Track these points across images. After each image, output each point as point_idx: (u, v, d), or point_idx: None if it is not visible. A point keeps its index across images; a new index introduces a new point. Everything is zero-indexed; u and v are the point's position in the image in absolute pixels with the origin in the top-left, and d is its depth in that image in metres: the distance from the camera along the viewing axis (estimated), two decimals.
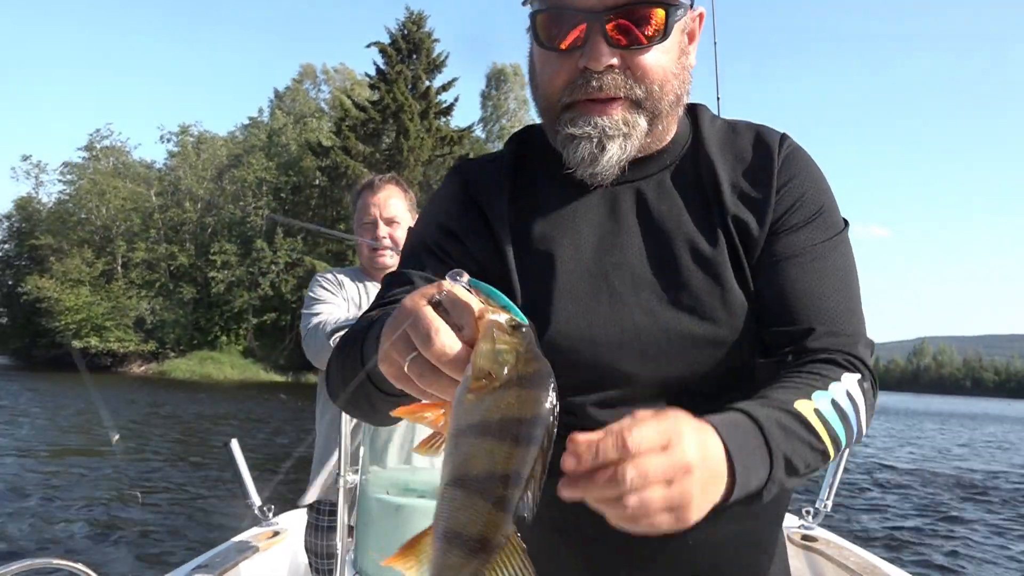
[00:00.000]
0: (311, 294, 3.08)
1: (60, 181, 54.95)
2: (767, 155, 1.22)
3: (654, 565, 1.16)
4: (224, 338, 49.83)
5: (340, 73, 64.16)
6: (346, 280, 3.13)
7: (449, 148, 46.16)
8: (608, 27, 1.10)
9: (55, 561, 2.35)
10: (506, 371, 0.73)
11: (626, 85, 1.12)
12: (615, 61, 1.11)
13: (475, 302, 0.76)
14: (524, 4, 1.18)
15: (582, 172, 1.17)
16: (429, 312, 0.78)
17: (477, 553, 0.71)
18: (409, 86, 46.36)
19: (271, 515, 3.71)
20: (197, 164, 52.75)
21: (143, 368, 48.72)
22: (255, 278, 48.91)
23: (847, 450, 1.04)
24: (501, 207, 1.23)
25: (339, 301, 3.04)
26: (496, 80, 72.49)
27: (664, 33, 1.12)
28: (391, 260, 3.06)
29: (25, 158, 70.02)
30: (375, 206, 3.06)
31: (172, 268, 51.11)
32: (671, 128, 1.24)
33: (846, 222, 1.23)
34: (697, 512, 0.83)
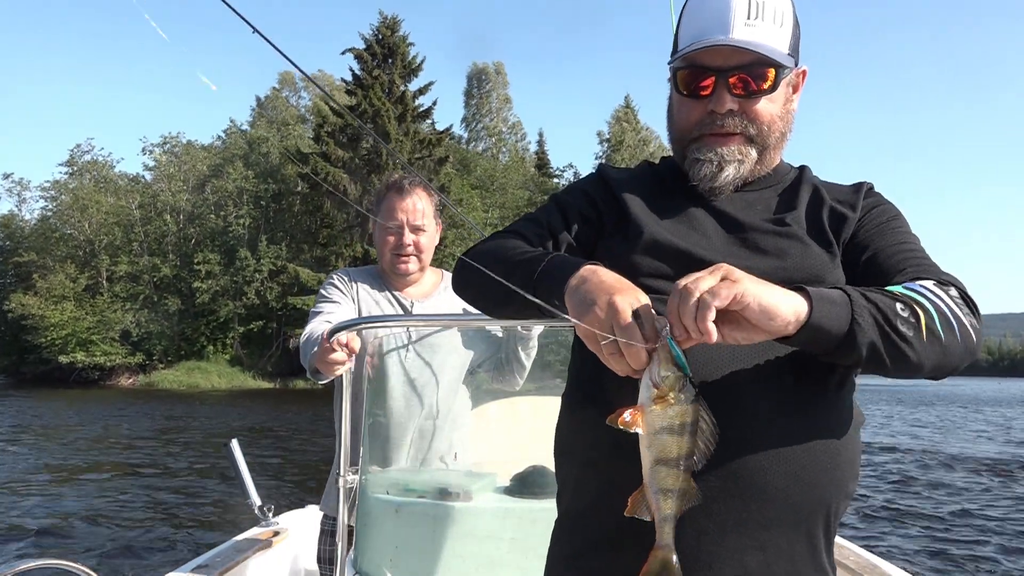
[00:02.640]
0: (321, 291, 2.95)
1: (42, 197, 54.94)
2: (856, 187, 1.56)
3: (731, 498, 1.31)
4: (211, 347, 49.82)
5: (318, 80, 64.00)
6: (363, 287, 2.97)
7: (428, 151, 46.16)
8: (731, 81, 1.43)
9: (55, 562, 2.41)
10: (677, 393, 1.16)
11: (742, 125, 1.45)
12: (734, 107, 1.44)
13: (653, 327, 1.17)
14: (669, 64, 1.51)
15: (704, 186, 1.49)
16: (633, 322, 1.16)
17: (679, 497, 1.18)
18: (385, 91, 46.38)
19: (271, 515, 3.73)
20: (177, 175, 52.66)
21: (131, 381, 48.66)
22: (240, 287, 48.83)
23: (940, 329, 1.25)
24: (638, 200, 1.52)
25: (347, 302, 2.90)
26: (478, 79, 72.46)
27: (774, 87, 1.44)
28: (413, 267, 2.95)
29: (7, 176, 70.28)
30: (403, 211, 2.90)
31: (156, 280, 51.04)
32: (776, 158, 1.55)
33: None
34: (755, 295, 1.12)
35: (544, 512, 2.16)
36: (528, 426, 2.64)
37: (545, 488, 2.22)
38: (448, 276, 3.14)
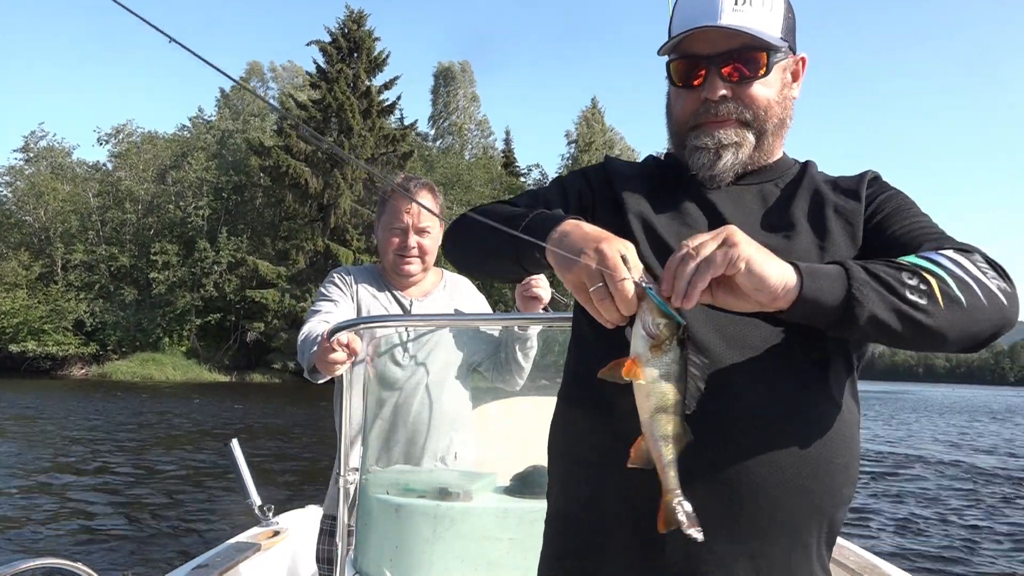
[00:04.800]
0: (321, 290, 2.93)
1: None
2: (859, 178, 1.53)
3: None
4: (167, 339, 49.01)
5: (288, 70, 63.43)
6: (363, 285, 2.96)
7: (393, 146, 46.04)
8: (723, 69, 1.43)
9: (55, 561, 2.39)
10: (670, 340, 1.17)
11: (737, 110, 1.44)
12: (727, 92, 1.43)
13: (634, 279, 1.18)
14: (660, 54, 1.51)
15: (703, 174, 1.47)
16: (622, 265, 1.16)
17: (677, 441, 1.19)
18: (350, 85, 46.13)
19: (271, 515, 3.72)
20: (137, 164, 51.86)
21: (84, 371, 47.70)
22: (198, 278, 48.21)
23: (965, 293, 1.20)
24: (637, 196, 1.50)
25: (346, 301, 2.88)
26: (444, 77, 72.23)
27: (767, 71, 1.44)
28: (416, 268, 2.94)
29: None
30: (408, 213, 2.89)
31: (113, 269, 50.14)
32: (777, 146, 1.53)
33: None
34: (747, 259, 1.11)
35: (544, 512, 2.17)
36: (528, 426, 2.63)
37: (545, 488, 2.23)
38: (448, 275, 3.14)
